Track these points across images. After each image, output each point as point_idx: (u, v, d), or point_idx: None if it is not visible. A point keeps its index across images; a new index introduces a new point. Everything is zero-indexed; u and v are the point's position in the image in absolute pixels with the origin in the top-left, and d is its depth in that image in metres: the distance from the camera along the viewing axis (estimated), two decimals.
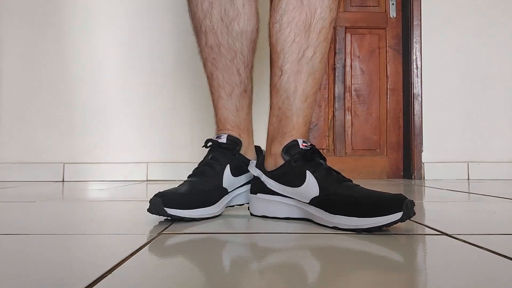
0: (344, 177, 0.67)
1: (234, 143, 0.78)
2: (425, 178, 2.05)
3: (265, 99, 0.84)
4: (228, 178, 0.75)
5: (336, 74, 2.18)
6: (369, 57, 2.20)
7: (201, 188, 0.70)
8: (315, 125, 2.17)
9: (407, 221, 0.70)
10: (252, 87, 0.83)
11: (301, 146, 0.69)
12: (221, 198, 0.74)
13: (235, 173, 0.77)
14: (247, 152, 0.82)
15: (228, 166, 0.75)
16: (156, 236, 0.56)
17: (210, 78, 0.80)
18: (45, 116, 1.98)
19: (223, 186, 0.74)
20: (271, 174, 0.72)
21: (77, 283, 0.35)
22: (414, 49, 2.10)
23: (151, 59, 1.94)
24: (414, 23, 2.11)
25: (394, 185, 1.64)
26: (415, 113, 2.09)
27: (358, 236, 0.56)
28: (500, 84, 2.09)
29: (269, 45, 0.76)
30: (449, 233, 0.57)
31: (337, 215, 0.61)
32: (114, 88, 1.98)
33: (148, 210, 0.64)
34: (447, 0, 2.11)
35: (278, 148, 0.72)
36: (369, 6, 2.22)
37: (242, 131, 0.81)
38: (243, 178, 0.79)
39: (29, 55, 1.99)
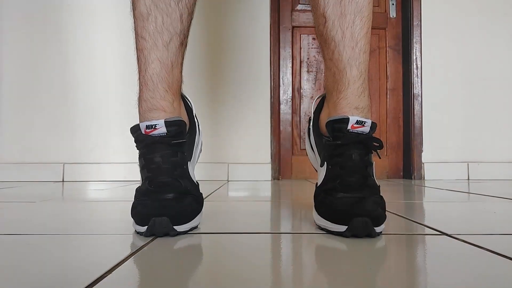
0: (366, 178, 0.60)
1: (179, 128, 0.63)
2: (425, 178, 2.05)
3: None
4: (193, 174, 0.66)
5: None
6: (369, 57, 2.20)
7: (191, 199, 0.61)
8: None
9: (407, 221, 0.70)
10: (187, 43, 0.69)
11: (349, 128, 0.60)
12: None
13: (195, 152, 0.70)
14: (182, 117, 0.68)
15: (188, 164, 0.65)
16: (156, 236, 0.56)
17: (144, 19, 0.64)
18: (45, 116, 1.98)
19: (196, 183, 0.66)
20: (315, 133, 0.70)
21: (77, 283, 0.35)
22: (414, 49, 2.10)
23: None
24: (414, 23, 2.11)
25: (394, 185, 1.64)
26: (415, 113, 2.09)
27: (355, 238, 0.56)
28: (500, 84, 2.09)
29: None
30: (449, 233, 0.57)
31: (314, 209, 0.63)
32: (113, 88, 1.98)
33: (147, 232, 0.55)
34: (447, 0, 2.11)
35: (332, 109, 0.65)
36: None
37: (175, 95, 0.66)
38: (198, 148, 0.72)
39: (29, 55, 1.99)
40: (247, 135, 2.01)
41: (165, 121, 0.61)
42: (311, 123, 0.71)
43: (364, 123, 0.61)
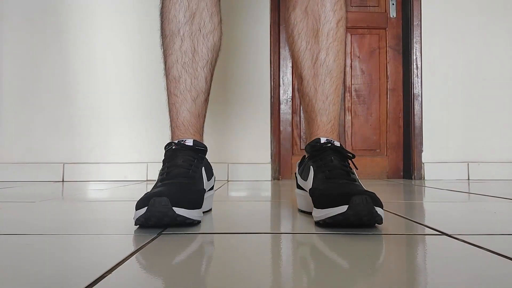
0: (349, 174, 0.68)
1: (204, 146, 0.79)
2: (425, 178, 2.05)
3: None
4: (204, 181, 0.74)
5: None
6: (369, 57, 2.20)
7: (196, 188, 0.68)
8: None
9: (407, 221, 0.70)
10: (209, 99, 0.86)
11: (322, 143, 0.73)
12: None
13: (208, 176, 0.77)
14: None
15: (203, 169, 0.75)
16: (156, 236, 0.56)
17: (176, 81, 0.80)
18: (45, 116, 1.98)
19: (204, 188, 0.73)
20: (299, 171, 0.80)
21: (77, 283, 0.35)
22: (414, 49, 2.10)
23: (151, 58, 1.94)
24: (414, 23, 2.11)
25: (394, 185, 1.64)
26: (415, 113, 2.09)
27: (357, 237, 0.56)
28: (500, 84, 2.09)
29: (291, 57, 0.86)
30: (449, 233, 0.57)
31: (314, 208, 0.65)
32: (113, 88, 1.98)
33: (147, 213, 0.57)
34: (447, 0, 2.11)
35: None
36: (369, 6, 2.22)
37: (201, 138, 0.83)
38: (212, 181, 0.81)
39: (29, 55, 1.99)
40: (247, 135, 2.01)
41: (193, 140, 0.75)
42: (297, 175, 0.82)
43: (333, 142, 0.73)
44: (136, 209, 0.60)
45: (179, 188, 0.63)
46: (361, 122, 2.18)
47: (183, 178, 0.67)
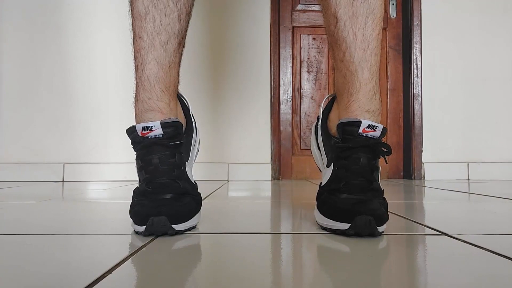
0: (371, 183, 0.60)
1: (175, 130, 0.62)
2: (425, 178, 2.05)
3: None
4: (191, 174, 0.67)
5: None
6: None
7: (189, 197, 0.62)
8: None
9: (407, 221, 0.70)
10: (185, 43, 0.69)
11: (360, 131, 0.60)
12: None
13: (191, 158, 0.69)
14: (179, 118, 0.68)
15: (186, 165, 0.65)
16: (156, 236, 0.56)
17: (142, 19, 0.63)
18: (45, 116, 1.98)
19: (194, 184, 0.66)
20: (323, 133, 0.69)
21: (77, 283, 0.35)
22: (414, 49, 2.10)
23: None
24: (414, 23, 2.11)
25: (394, 185, 1.64)
26: (415, 113, 2.09)
27: (357, 237, 0.56)
28: (500, 84, 2.09)
29: None
30: (449, 233, 0.57)
31: (316, 209, 0.63)
32: (113, 87, 1.98)
33: (146, 232, 0.55)
34: (447, 0, 2.11)
35: (343, 111, 0.65)
36: None
37: (172, 96, 0.66)
38: (196, 152, 0.72)
39: (29, 55, 1.99)
40: (247, 135, 2.01)
41: (161, 123, 0.61)
42: (320, 122, 0.70)
43: (376, 128, 0.60)
44: (134, 223, 0.58)
45: (173, 205, 0.58)
46: None
47: (171, 190, 0.60)
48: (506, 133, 2.08)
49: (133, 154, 0.66)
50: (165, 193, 0.60)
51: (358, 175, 0.59)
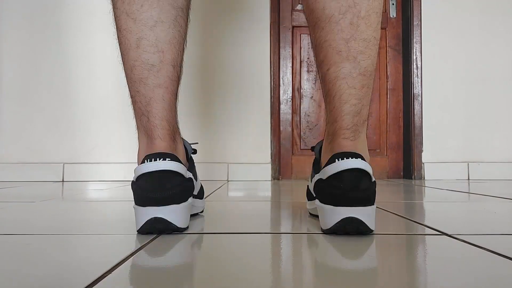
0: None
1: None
2: (425, 178, 2.05)
3: None
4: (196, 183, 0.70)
5: None
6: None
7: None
8: (315, 125, 2.17)
9: (407, 221, 0.70)
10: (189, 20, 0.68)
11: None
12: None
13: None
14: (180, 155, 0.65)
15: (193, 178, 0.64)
16: (156, 236, 0.56)
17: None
18: (45, 116, 1.98)
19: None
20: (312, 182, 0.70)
21: (77, 282, 0.35)
22: (414, 49, 2.10)
23: None
24: (414, 23, 2.11)
25: (394, 185, 1.64)
26: (415, 113, 2.09)
27: (357, 237, 0.56)
28: (500, 84, 2.09)
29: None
30: (449, 233, 0.57)
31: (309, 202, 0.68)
32: (113, 87, 1.98)
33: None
34: (447, 0, 2.11)
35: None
36: None
37: (177, 132, 0.67)
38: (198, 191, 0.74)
39: (29, 55, 1.99)
40: (247, 135, 2.01)
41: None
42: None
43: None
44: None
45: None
46: None
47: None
48: (506, 133, 2.08)
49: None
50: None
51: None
